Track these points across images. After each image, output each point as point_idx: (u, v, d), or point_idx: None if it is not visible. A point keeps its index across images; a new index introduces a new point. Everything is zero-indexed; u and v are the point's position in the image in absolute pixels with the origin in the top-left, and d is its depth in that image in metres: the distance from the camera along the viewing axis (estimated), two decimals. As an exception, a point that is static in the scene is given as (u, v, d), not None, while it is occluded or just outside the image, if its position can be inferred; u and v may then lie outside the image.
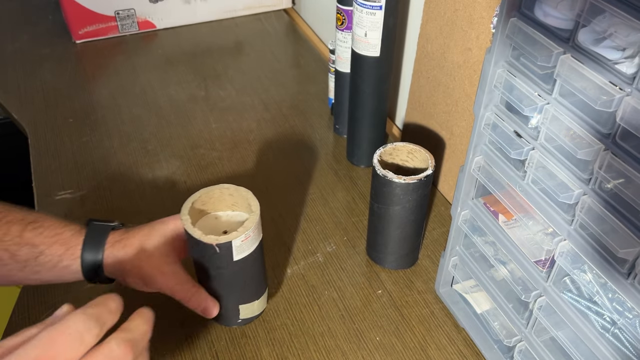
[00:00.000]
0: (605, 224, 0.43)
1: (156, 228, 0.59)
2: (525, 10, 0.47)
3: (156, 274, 0.58)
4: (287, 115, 1.03)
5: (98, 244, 0.57)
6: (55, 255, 0.57)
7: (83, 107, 1.04)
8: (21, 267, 0.56)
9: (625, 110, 0.39)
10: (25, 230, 0.56)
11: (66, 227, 0.58)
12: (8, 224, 0.56)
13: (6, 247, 0.55)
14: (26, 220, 0.57)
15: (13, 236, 0.55)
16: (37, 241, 0.56)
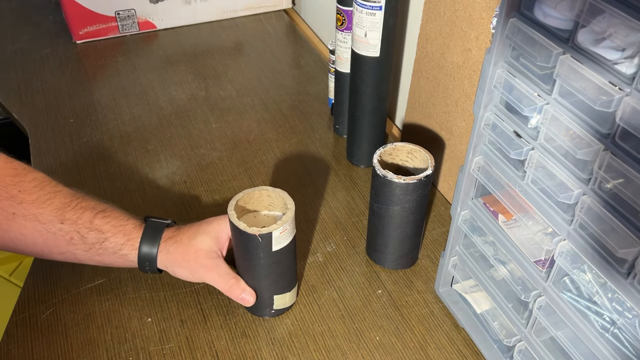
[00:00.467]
0: (605, 223, 0.43)
1: (202, 227, 0.67)
2: (524, 10, 0.47)
3: (202, 267, 0.66)
4: (287, 115, 1.03)
5: (154, 239, 0.66)
6: (118, 243, 0.65)
7: (83, 107, 1.04)
8: (87, 248, 0.65)
9: (625, 110, 0.39)
10: (96, 217, 0.65)
11: (129, 220, 0.67)
12: (82, 209, 0.65)
13: (78, 229, 0.64)
14: (97, 208, 0.66)
15: (85, 221, 0.64)
16: (105, 228, 0.65)
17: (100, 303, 0.70)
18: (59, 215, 0.64)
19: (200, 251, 0.65)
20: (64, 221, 0.64)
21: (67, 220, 0.64)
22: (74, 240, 0.64)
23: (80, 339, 0.67)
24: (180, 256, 0.66)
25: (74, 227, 0.64)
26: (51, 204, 0.64)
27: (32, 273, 0.74)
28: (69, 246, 0.65)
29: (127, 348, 0.66)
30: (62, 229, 0.64)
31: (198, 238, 0.66)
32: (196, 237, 0.66)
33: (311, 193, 0.87)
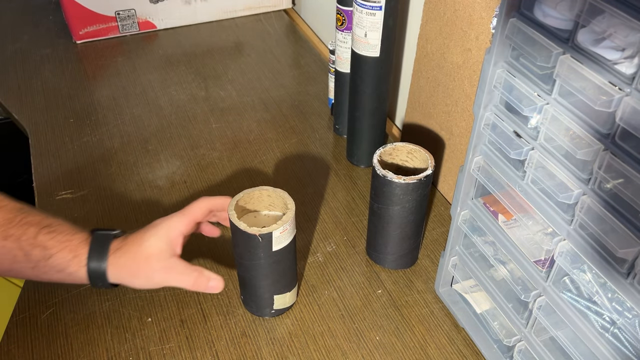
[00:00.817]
0: (605, 223, 0.43)
1: (149, 231, 0.63)
2: (524, 10, 0.47)
3: (156, 271, 0.62)
4: (287, 115, 1.04)
5: (102, 252, 0.62)
6: (64, 260, 0.61)
7: (84, 107, 1.04)
8: (32, 266, 0.61)
9: (625, 110, 0.39)
10: (40, 233, 0.61)
11: (75, 235, 0.62)
12: (26, 225, 0.61)
13: (22, 246, 0.60)
14: (42, 223, 0.61)
15: (29, 237, 0.60)
16: (49, 245, 0.60)
17: (100, 303, 0.70)
18: (2, 232, 0.60)
19: (152, 256, 0.62)
20: (7, 237, 0.60)
21: (10, 237, 0.60)
22: (18, 258, 0.60)
23: (80, 339, 0.67)
24: (132, 266, 0.62)
25: (17, 244, 0.60)
26: None
27: (32, 273, 0.74)
28: (13, 264, 0.61)
29: (127, 348, 0.66)
30: (4, 246, 0.59)
31: (145, 243, 0.62)
32: (143, 242, 0.62)
33: (311, 193, 0.87)
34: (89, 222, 0.81)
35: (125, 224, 0.81)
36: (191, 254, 0.76)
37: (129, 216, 0.82)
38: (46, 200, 0.84)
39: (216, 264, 0.76)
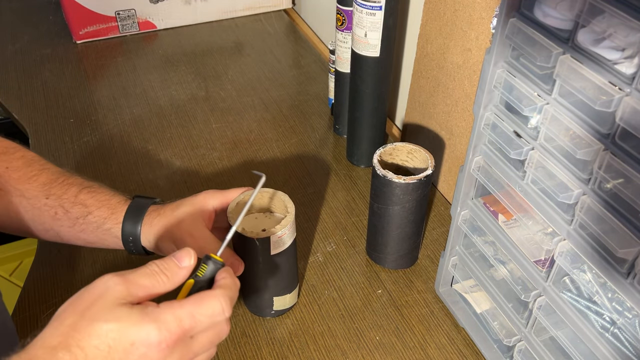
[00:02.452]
0: (605, 223, 0.43)
1: (187, 200, 0.64)
2: (524, 10, 0.47)
3: (186, 237, 0.61)
4: (287, 115, 1.04)
5: (139, 213, 0.63)
6: (101, 217, 0.63)
7: (84, 107, 1.05)
8: (71, 224, 0.63)
9: (625, 110, 0.39)
10: (81, 192, 0.63)
11: (115, 195, 0.65)
12: (68, 185, 0.63)
13: (62, 203, 0.62)
14: (84, 184, 0.64)
15: (70, 195, 0.63)
16: (89, 202, 0.63)
17: (100, 303, 0.70)
18: (45, 190, 0.62)
19: (184, 222, 0.61)
20: (49, 196, 0.62)
21: (52, 196, 0.62)
22: (58, 216, 0.62)
23: (81, 338, 0.66)
24: (163, 228, 0.62)
25: (58, 201, 0.62)
26: (37, 180, 0.63)
27: (32, 273, 0.74)
28: (53, 222, 0.63)
29: (127, 348, 0.66)
30: (47, 204, 0.62)
31: (181, 209, 0.62)
32: (179, 208, 0.62)
33: (311, 193, 0.87)
34: (89, 222, 0.81)
35: (125, 224, 0.81)
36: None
37: (129, 216, 0.82)
38: (46, 200, 0.84)
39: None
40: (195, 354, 0.43)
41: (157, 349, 0.40)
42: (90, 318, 0.39)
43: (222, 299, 0.43)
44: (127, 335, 0.39)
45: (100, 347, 0.39)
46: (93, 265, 0.75)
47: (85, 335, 0.39)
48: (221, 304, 0.43)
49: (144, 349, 0.39)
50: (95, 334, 0.39)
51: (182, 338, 0.41)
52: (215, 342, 0.44)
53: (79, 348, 0.38)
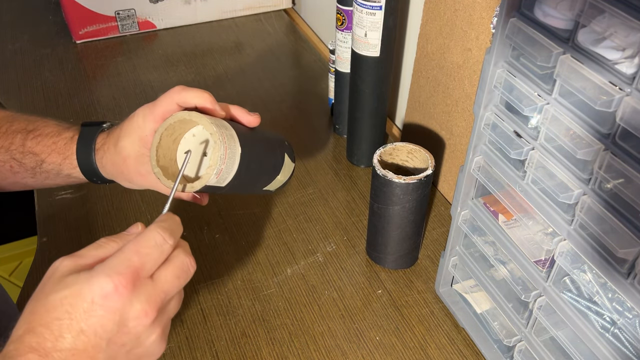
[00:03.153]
0: (605, 223, 0.43)
1: (125, 127, 0.57)
2: (525, 10, 0.47)
3: (135, 175, 0.57)
4: (287, 115, 1.03)
5: (88, 152, 0.58)
6: (55, 164, 0.59)
7: (83, 107, 1.04)
8: (31, 174, 0.59)
9: (625, 110, 0.39)
10: (27, 139, 0.59)
11: (61, 136, 0.59)
12: (13, 133, 0.59)
13: (13, 155, 0.59)
14: (27, 128, 0.59)
15: (17, 145, 0.59)
16: (37, 150, 0.58)
17: (100, 303, 0.70)
18: None
19: (128, 158, 0.56)
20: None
21: (0, 149, 0.59)
22: (15, 169, 0.59)
23: (80, 339, 0.66)
24: (113, 167, 0.57)
25: (9, 154, 0.59)
26: None
27: (32, 273, 0.74)
28: (13, 175, 0.60)
29: (127, 348, 0.66)
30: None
31: (121, 143, 0.56)
32: (118, 142, 0.56)
33: (311, 193, 0.87)
34: (89, 222, 0.81)
35: (125, 224, 0.81)
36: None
37: (129, 216, 0.82)
38: (46, 200, 0.84)
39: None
40: (165, 292, 0.42)
41: (117, 295, 0.39)
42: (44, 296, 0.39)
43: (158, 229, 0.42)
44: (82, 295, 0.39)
45: (61, 317, 0.38)
46: (93, 265, 0.75)
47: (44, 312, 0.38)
48: (159, 233, 0.42)
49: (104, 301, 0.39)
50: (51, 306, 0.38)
51: (137, 277, 0.40)
52: (181, 276, 0.43)
53: (41, 326, 0.38)
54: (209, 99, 0.53)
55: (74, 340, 0.38)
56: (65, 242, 0.78)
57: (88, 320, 0.38)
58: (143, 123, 0.56)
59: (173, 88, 0.54)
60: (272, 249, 0.78)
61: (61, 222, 0.81)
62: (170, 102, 0.54)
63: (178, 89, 0.53)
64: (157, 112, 0.55)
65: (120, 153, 0.56)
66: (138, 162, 0.56)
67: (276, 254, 0.77)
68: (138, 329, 0.40)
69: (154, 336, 0.42)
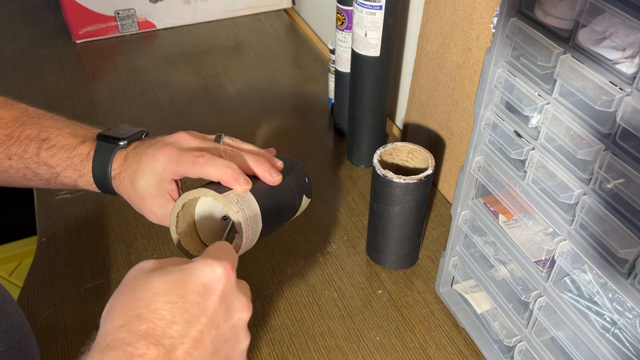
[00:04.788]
0: (606, 224, 0.43)
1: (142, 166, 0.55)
2: (525, 10, 0.47)
3: (149, 214, 0.56)
4: (287, 115, 1.03)
5: (104, 176, 0.57)
6: (72, 179, 0.58)
7: (83, 107, 1.04)
8: (46, 183, 0.58)
9: (626, 110, 0.39)
10: (41, 149, 0.57)
11: (75, 151, 0.58)
12: (26, 140, 0.57)
13: (27, 164, 0.57)
14: (40, 136, 0.57)
15: (31, 155, 0.57)
16: (53, 162, 0.57)
17: (100, 303, 0.70)
18: (4, 151, 0.57)
19: (145, 199, 0.55)
20: (11, 157, 0.57)
21: (14, 156, 0.57)
22: (28, 176, 0.58)
23: (80, 339, 0.66)
24: (129, 199, 0.57)
25: (23, 162, 0.57)
26: None
27: (32, 273, 0.74)
28: (26, 182, 0.59)
29: (127, 348, 0.66)
30: (12, 166, 0.57)
31: (139, 182, 0.54)
32: (135, 180, 0.55)
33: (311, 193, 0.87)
34: (89, 222, 0.81)
35: (125, 224, 0.81)
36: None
37: (128, 216, 0.82)
38: (46, 200, 0.84)
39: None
40: None
41: (228, 281, 0.39)
42: (143, 285, 0.37)
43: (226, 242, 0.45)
44: (192, 280, 0.38)
45: (173, 301, 0.36)
46: (93, 265, 0.75)
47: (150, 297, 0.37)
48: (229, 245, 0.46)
49: (216, 285, 0.38)
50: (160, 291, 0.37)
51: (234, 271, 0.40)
52: None
53: (150, 312, 0.36)
54: (231, 175, 0.51)
55: (186, 325, 0.36)
56: (65, 242, 0.78)
57: (201, 305, 0.37)
58: (163, 171, 0.54)
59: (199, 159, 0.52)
60: (272, 249, 0.78)
61: (61, 222, 0.81)
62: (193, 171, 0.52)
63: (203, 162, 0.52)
64: (178, 170, 0.53)
65: (137, 191, 0.55)
66: (153, 204, 0.55)
67: (276, 254, 0.77)
68: (239, 323, 0.40)
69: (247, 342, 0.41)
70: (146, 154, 0.55)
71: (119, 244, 0.78)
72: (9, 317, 0.47)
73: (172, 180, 0.54)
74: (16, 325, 0.48)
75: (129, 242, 0.78)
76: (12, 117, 0.58)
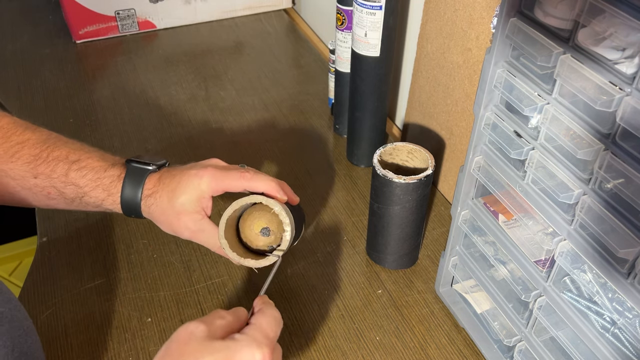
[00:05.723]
0: (605, 223, 0.43)
1: (182, 184, 0.59)
2: (525, 10, 0.47)
3: (184, 231, 0.60)
4: (287, 115, 1.03)
5: (135, 194, 0.60)
6: (98, 198, 0.61)
7: (83, 107, 1.04)
8: (69, 202, 0.61)
9: (625, 110, 0.39)
10: (70, 170, 0.60)
11: (107, 172, 0.61)
12: (54, 161, 0.60)
13: (53, 184, 0.59)
14: (70, 158, 0.60)
15: (59, 174, 0.59)
16: (82, 183, 0.60)
17: (100, 303, 0.70)
18: (31, 170, 0.59)
19: (182, 214, 0.59)
20: (37, 176, 0.59)
21: (40, 175, 0.59)
22: (52, 195, 0.60)
23: (80, 339, 0.67)
24: (162, 217, 0.60)
25: (48, 181, 0.59)
26: (20, 157, 0.59)
27: (32, 273, 0.74)
28: (48, 201, 0.61)
29: (127, 348, 0.66)
30: (36, 184, 0.59)
31: (177, 200, 0.59)
32: (175, 197, 0.59)
33: (311, 193, 0.87)
34: (89, 222, 0.81)
35: (125, 225, 0.81)
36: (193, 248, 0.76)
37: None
38: (46, 200, 0.84)
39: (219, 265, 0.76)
40: None
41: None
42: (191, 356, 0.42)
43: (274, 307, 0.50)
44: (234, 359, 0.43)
45: None
46: (93, 265, 0.75)
47: None
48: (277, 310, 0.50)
49: None
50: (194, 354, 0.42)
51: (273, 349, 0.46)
52: None
53: None
54: (275, 188, 0.59)
55: None
56: (65, 242, 0.78)
57: None
58: (206, 188, 0.59)
59: (245, 174, 0.59)
60: (272, 249, 0.78)
61: (61, 222, 0.81)
62: (239, 185, 0.59)
63: (249, 176, 0.59)
64: (223, 185, 0.59)
65: (175, 207, 0.59)
66: (190, 219, 0.59)
67: (276, 254, 0.77)
68: None
69: None
70: (187, 174, 0.60)
71: (119, 244, 0.78)
72: (21, 322, 0.48)
73: (210, 197, 0.60)
74: (27, 331, 0.49)
75: (129, 242, 0.78)
76: (40, 139, 0.61)
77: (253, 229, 0.60)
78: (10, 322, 0.46)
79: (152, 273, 0.74)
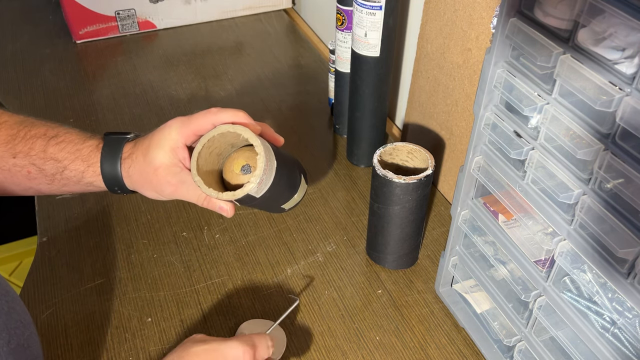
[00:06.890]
0: (605, 223, 0.43)
1: (155, 139, 0.58)
2: (525, 10, 0.47)
3: (165, 185, 0.59)
4: (287, 115, 1.03)
5: (114, 160, 0.59)
6: (78, 171, 0.60)
7: (83, 107, 1.04)
8: (49, 180, 0.60)
9: (625, 110, 0.39)
10: (49, 145, 0.59)
11: (85, 143, 0.60)
12: (32, 139, 0.59)
13: (32, 161, 0.59)
14: (49, 134, 0.60)
15: (38, 151, 0.59)
16: (60, 156, 0.59)
17: (100, 303, 0.70)
18: (9, 149, 0.58)
19: (159, 168, 0.58)
20: (16, 155, 0.58)
21: (19, 154, 0.58)
22: (32, 174, 0.59)
23: (80, 339, 0.67)
24: (141, 177, 0.59)
25: (28, 159, 0.59)
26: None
27: (32, 273, 0.74)
28: (29, 182, 0.60)
29: (127, 348, 0.66)
30: (16, 164, 0.59)
31: (152, 153, 0.58)
32: (149, 153, 0.58)
33: (311, 193, 0.87)
34: (89, 222, 0.81)
35: (125, 225, 0.81)
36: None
37: (128, 216, 0.82)
38: (47, 200, 0.84)
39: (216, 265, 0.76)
40: None
41: None
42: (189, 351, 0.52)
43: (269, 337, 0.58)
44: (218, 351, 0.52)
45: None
46: (93, 265, 0.75)
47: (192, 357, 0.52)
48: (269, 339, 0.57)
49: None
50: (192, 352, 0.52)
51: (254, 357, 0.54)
52: None
53: None
54: (243, 117, 0.57)
55: None
56: (65, 242, 0.78)
57: None
58: (176, 135, 0.57)
59: (210, 109, 0.57)
60: (272, 249, 0.78)
61: (61, 222, 0.81)
62: (207, 121, 0.57)
63: (215, 110, 0.57)
64: (192, 127, 0.57)
65: (151, 163, 0.58)
66: (169, 172, 0.58)
67: (276, 254, 0.77)
68: None
69: None
70: (157, 130, 0.59)
71: (119, 244, 0.78)
72: (19, 315, 0.48)
73: (184, 146, 0.58)
74: (25, 323, 0.49)
75: (129, 242, 0.78)
76: (17, 120, 0.60)
77: (233, 169, 0.57)
78: (7, 314, 0.46)
79: (152, 273, 0.74)
